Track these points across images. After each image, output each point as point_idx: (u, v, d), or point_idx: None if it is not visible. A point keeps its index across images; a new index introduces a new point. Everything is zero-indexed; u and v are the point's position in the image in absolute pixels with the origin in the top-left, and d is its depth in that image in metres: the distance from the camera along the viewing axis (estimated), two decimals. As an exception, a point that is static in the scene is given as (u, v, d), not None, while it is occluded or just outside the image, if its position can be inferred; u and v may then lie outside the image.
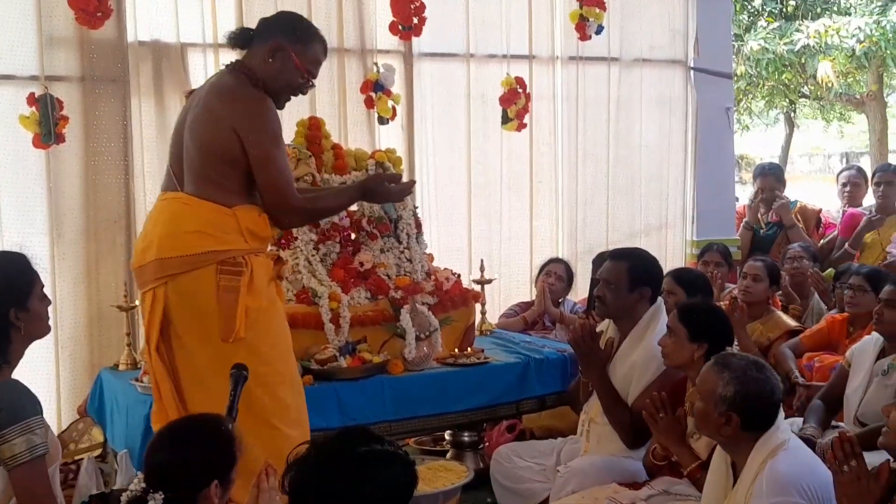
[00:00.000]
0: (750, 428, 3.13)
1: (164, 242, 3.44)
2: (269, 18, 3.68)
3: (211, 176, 3.45)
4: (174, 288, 3.43)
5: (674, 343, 3.83)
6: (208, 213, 3.45)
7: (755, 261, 5.65)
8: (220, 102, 3.46)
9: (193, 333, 3.44)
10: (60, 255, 5.27)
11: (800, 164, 26.87)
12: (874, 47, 12.08)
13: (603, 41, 6.54)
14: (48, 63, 5.17)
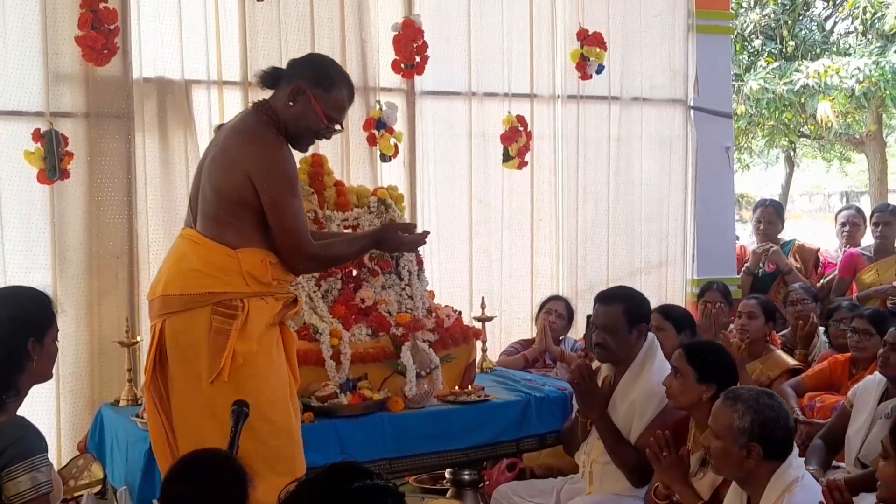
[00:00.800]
0: (771, 456, 3.13)
1: (169, 279, 3.47)
2: (297, 60, 3.69)
3: (221, 216, 3.45)
4: (170, 325, 3.44)
5: (681, 384, 3.80)
6: (211, 253, 3.44)
7: (749, 299, 5.70)
8: (236, 145, 3.46)
9: (183, 372, 3.43)
10: (63, 290, 5.27)
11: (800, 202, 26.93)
12: (873, 88, 12.17)
13: (604, 80, 6.60)
14: (53, 99, 5.21)
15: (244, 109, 3.76)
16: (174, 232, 5.33)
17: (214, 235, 3.45)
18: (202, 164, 3.59)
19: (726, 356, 3.95)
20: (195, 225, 3.53)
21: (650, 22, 6.86)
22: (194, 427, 3.40)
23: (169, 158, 5.47)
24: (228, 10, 5.59)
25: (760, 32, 13.42)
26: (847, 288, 6.50)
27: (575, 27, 6.42)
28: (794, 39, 13.56)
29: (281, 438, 3.50)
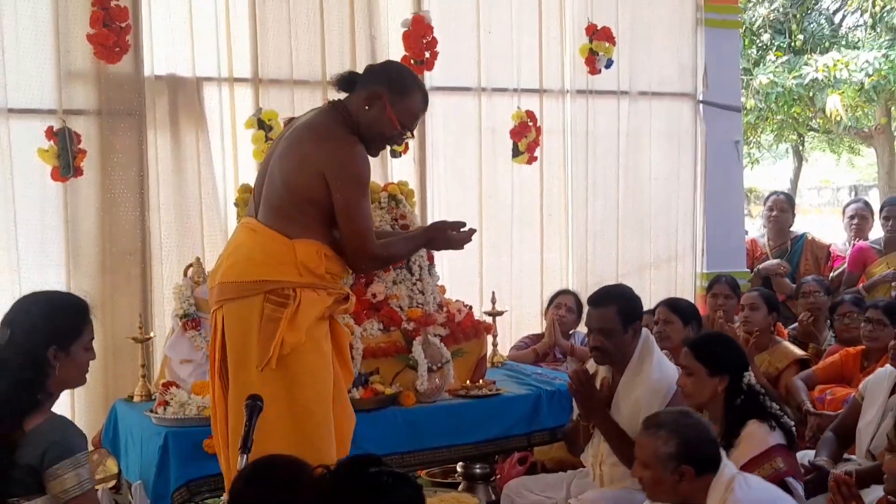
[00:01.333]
0: (703, 472, 3.16)
1: (227, 268, 3.52)
2: (375, 66, 3.80)
3: (286, 208, 3.50)
4: (227, 313, 3.49)
5: (693, 382, 3.78)
6: (268, 241, 3.49)
7: (751, 291, 5.72)
8: (312, 141, 3.50)
9: (236, 360, 3.48)
10: (76, 286, 5.29)
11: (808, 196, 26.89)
12: (882, 81, 12.14)
13: (612, 75, 6.61)
14: (66, 97, 5.24)
15: (319, 106, 3.77)
16: (186, 229, 5.43)
17: (274, 225, 3.50)
18: (270, 155, 3.64)
19: (732, 344, 3.97)
20: (257, 215, 3.58)
21: (659, 16, 6.86)
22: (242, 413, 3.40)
23: (181, 155, 5.50)
24: (239, 7, 5.61)
25: (769, 26, 13.42)
26: (857, 281, 6.49)
27: (584, 22, 6.43)
28: (803, 33, 13.56)
29: (319, 432, 3.53)
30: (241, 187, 5.02)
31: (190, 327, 4.65)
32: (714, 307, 5.83)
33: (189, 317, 4.67)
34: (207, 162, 5.56)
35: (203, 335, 4.64)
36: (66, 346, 3.05)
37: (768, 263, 6.76)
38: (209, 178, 5.55)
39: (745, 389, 3.71)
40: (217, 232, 5.55)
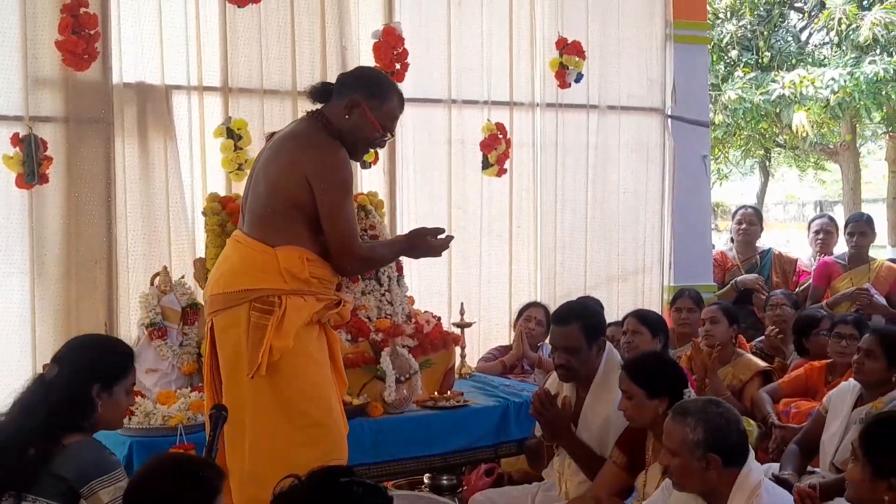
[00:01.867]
0: (730, 463, 3.16)
1: (215, 279, 3.63)
2: (348, 74, 3.85)
3: (269, 216, 3.57)
4: (216, 324, 3.59)
5: (634, 406, 3.76)
6: (250, 251, 3.57)
7: (710, 304, 5.75)
8: (297, 148, 3.58)
9: (228, 369, 3.56)
10: (41, 294, 5.24)
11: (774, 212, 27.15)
12: (848, 98, 12.28)
13: (582, 89, 6.65)
14: (33, 104, 5.18)
15: (298, 118, 3.85)
16: (153, 237, 5.39)
17: (256, 235, 3.58)
18: (254, 169, 3.72)
19: (669, 364, 3.94)
20: (241, 226, 3.69)
21: (628, 31, 6.91)
22: (239, 425, 3.48)
23: (148, 164, 5.46)
24: (209, 16, 5.58)
25: (737, 43, 13.54)
26: (822, 296, 6.55)
27: (554, 36, 6.47)
28: (770, 50, 13.69)
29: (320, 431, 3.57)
30: (209, 196, 5.00)
31: (156, 336, 4.62)
32: (678, 321, 5.86)
33: (155, 326, 4.64)
34: (175, 171, 5.53)
35: (169, 344, 4.61)
36: (110, 386, 3.22)
37: (746, 277, 6.79)
38: (177, 186, 5.52)
39: None
40: (184, 241, 5.51)
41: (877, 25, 12.01)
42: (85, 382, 3.19)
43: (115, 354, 3.34)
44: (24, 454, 3.00)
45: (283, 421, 3.52)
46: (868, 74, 11.93)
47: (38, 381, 3.23)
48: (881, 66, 11.89)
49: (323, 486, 2.31)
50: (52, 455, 3.02)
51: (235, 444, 3.53)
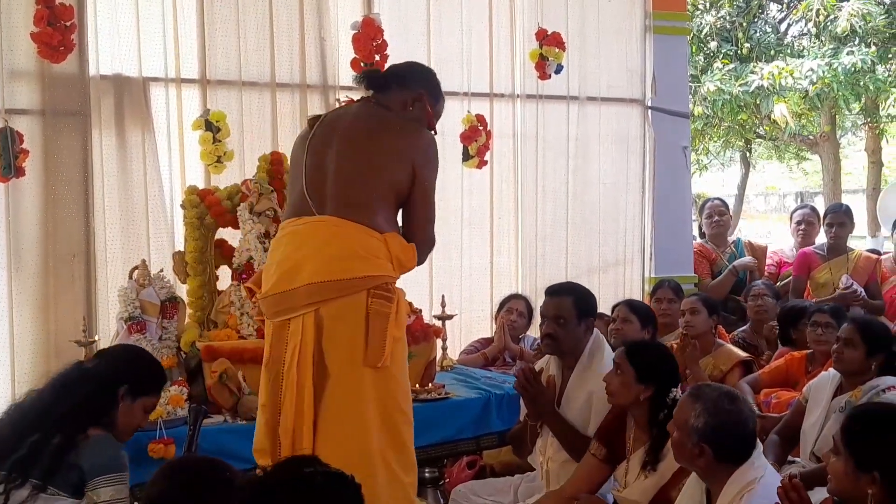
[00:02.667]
0: (723, 460, 3.17)
1: (318, 267, 3.42)
2: (408, 68, 3.86)
3: (372, 202, 3.50)
4: (328, 313, 3.42)
5: (620, 382, 3.78)
6: (362, 236, 3.46)
7: (690, 296, 5.78)
8: (399, 135, 3.58)
9: (340, 359, 3.43)
10: (18, 289, 5.21)
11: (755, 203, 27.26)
12: (826, 89, 12.32)
13: (562, 80, 6.64)
14: (8, 96, 5.14)
15: (357, 102, 3.77)
16: (131, 231, 5.36)
17: (363, 220, 3.47)
18: (319, 154, 3.57)
19: (669, 359, 3.95)
20: (322, 212, 3.49)
21: (608, 22, 6.91)
22: (354, 414, 3.41)
23: (126, 156, 5.42)
24: (186, 8, 5.55)
25: (716, 34, 13.55)
26: (804, 286, 6.59)
27: (534, 27, 6.44)
28: (749, 41, 13.71)
29: (409, 431, 3.59)
30: (187, 189, 4.97)
31: (135, 330, 4.58)
32: (658, 311, 5.86)
33: (134, 320, 4.61)
34: (154, 163, 5.49)
35: (148, 338, 4.58)
36: (135, 394, 3.39)
37: (744, 260, 6.82)
38: (155, 179, 5.48)
39: (669, 404, 3.68)
40: (163, 234, 5.48)
41: (854, 16, 12.04)
42: (116, 379, 3.35)
43: (153, 371, 3.53)
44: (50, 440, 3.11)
45: (404, 408, 3.53)
46: (846, 65, 11.96)
47: (77, 367, 3.42)
48: (859, 57, 11.93)
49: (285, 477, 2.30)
50: (76, 443, 3.15)
51: (357, 436, 3.40)
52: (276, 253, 3.57)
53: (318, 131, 3.63)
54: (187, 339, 4.62)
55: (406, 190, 3.55)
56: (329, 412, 3.44)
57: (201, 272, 4.82)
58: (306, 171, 3.58)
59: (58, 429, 3.15)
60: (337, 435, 3.40)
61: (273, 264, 3.56)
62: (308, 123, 3.77)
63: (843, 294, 6.17)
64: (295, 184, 3.63)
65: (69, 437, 3.14)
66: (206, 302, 4.83)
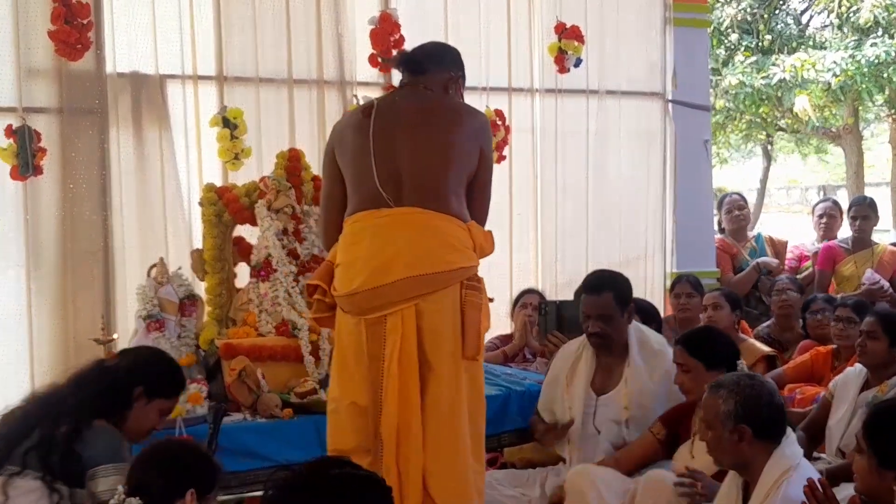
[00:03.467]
0: (762, 436, 3.17)
1: (414, 260, 3.36)
2: (440, 50, 3.82)
3: (450, 190, 3.44)
4: (427, 307, 3.37)
5: (692, 378, 3.84)
6: (451, 226, 3.42)
7: (712, 290, 5.74)
8: (468, 119, 3.54)
9: (445, 354, 3.40)
10: (37, 287, 5.22)
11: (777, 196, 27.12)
12: (849, 81, 12.23)
13: (581, 74, 6.58)
14: (26, 94, 5.15)
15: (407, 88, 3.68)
16: (149, 228, 5.35)
17: (447, 210, 3.42)
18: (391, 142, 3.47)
19: (723, 336, 4.02)
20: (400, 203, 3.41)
21: (628, 15, 6.84)
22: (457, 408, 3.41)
23: (144, 154, 5.42)
24: (203, 4, 5.54)
25: (737, 27, 13.47)
26: (828, 280, 6.53)
27: (552, 21, 6.39)
28: (771, 34, 13.62)
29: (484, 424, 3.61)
30: (205, 186, 4.95)
31: (153, 328, 4.57)
32: (677, 306, 5.84)
33: (153, 318, 4.59)
34: (171, 161, 5.49)
35: (167, 336, 4.57)
36: (151, 395, 3.40)
37: (768, 260, 6.75)
38: (173, 177, 5.48)
39: None
40: (181, 231, 5.48)
41: (877, 7, 11.96)
42: (134, 379, 3.38)
43: (172, 374, 3.53)
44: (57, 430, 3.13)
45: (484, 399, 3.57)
46: (869, 57, 11.88)
47: (97, 364, 3.47)
48: (882, 49, 11.85)
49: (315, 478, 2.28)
50: (80, 431, 3.15)
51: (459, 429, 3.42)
52: (359, 248, 3.43)
53: (377, 122, 3.49)
54: (206, 337, 4.61)
55: (473, 175, 3.52)
56: (434, 407, 3.39)
57: (219, 270, 4.81)
58: (376, 163, 3.45)
59: (66, 419, 3.17)
60: (443, 430, 3.38)
61: (359, 259, 3.42)
62: (362, 113, 3.60)
63: (870, 290, 6.10)
64: (362, 176, 3.47)
65: (75, 428, 3.15)
66: (225, 299, 4.81)
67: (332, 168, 3.62)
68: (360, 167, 3.47)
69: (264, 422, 4.22)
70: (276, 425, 4.22)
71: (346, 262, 3.46)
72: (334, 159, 3.60)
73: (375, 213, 3.43)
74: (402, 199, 3.41)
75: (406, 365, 3.36)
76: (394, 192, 3.42)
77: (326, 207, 3.70)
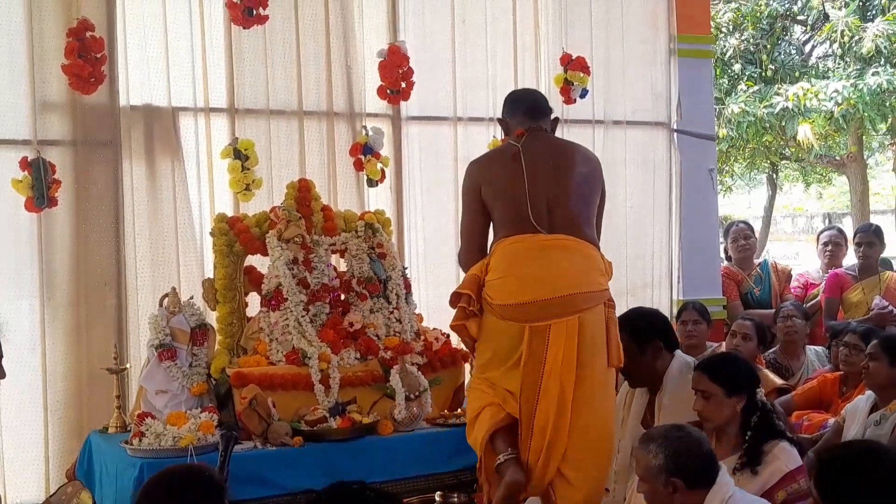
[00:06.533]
0: (694, 485, 3.19)
1: (581, 279, 3.90)
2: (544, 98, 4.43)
3: (584, 222, 4.02)
4: (587, 319, 3.86)
5: (713, 405, 3.81)
6: (595, 253, 4.03)
7: (745, 319, 5.72)
8: (592, 162, 4.19)
9: (597, 360, 3.90)
10: (50, 318, 5.27)
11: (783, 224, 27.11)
12: (852, 110, 12.27)
13: (587, 104, 6.65)
14: (41, 127, 5.22)
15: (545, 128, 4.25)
16: (162, 259, 5.41)
17: (589, 238, 4.02)
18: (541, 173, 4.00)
19: (743, 362, 4.02)
20: (553, 231, 3.94)
21: (632, 46, 6.91)
22: (603, 406, 3.95)
23: (156, 185, 5.48)
24: (215, 38, 5.62)
25: (740, 56, 13.54)
26: (836, 307, 6.53)
27: (558, 52, 6.47)
28: (774, 63, 13.69)
29: None
30: (217, 217, 5.01)
31: (165, 357, 4.61)
32: (683, 333, 5.84)
33: (164, 347, 4.64)
34: (183, 192, 5.55)
35: (178, 365, 4.61)
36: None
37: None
38: (185, 208, 5.53)
39: (759, 406, 3.76)
40: (193, 262, 5.52)
41: (879, 37, 12.00)
42: None
43: None
44: None
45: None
46: (872, 86, 11.91)
47: None
48: (884, 78, 11.88)
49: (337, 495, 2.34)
50: None
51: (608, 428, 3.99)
52: (525, 264, 3.91)
53: (528, 162, 4.00)
54: (217, 366, 4.65)
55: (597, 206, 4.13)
56: (586, 408, 3.87)
57: (231, 299, 4.86)
58: (530, 196, 3.95)
59: None
60: (592, 429, 3.88)
61: (527, 275, 3.89)
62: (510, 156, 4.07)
63: (880, 314, 6.12)
64: (517, 209, 3.97)
65: None
66: (236, 328, 4.86)
67: (478, 203, 4.10)
68: (513, 201, 3.99)
69: (275, 450, 4.27)
70: (287, 453, 4.26)
71: (510, 275, 3.92)
72: (479, 195, 4.09)
73: (534, 237, 3.95)
74: (554, 228, 3.95)
75: (566, 368, 3.83)
76: (546, 222, 3.95)
77: (470, 237, 4.18)
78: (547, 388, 3.84)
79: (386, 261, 5.10)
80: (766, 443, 3.70)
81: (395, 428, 4.56)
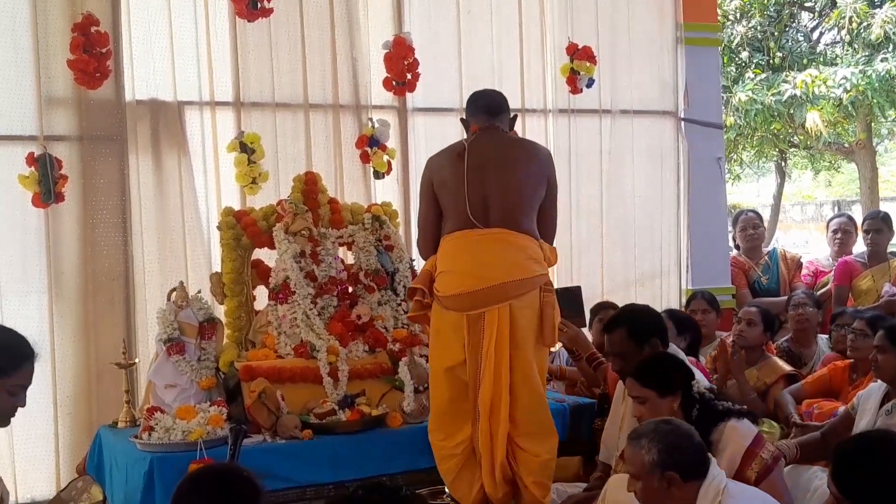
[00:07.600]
0: (689, 478, 3.17)
1: (509, 268, 4.16)
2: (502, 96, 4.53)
3: (527, 213, 4.26)
4: (517, 305, 4.14)
5: (650, 409, 3.74)
6: (530, 243, 4.24)
7: (750, 306, 5.70)
8: (538, 155, 4.38)
9: (530, 342, 4.18)
10: (59, 312, 5.28)
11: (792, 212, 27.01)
12: (861, 96, 12.21)
13: (594, 94, 6.63)
14: (47, 123, 5.23)
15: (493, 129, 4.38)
16: (169, 253, 5.41)
17: (527, 230, 4.24)
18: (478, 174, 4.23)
19: (671, 360, 3.94)
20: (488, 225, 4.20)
21: (639, 35, 6.89)
22: (535, 384, 4.22)
23: (163, 179, 5.49)
24: (220, 32, 5.62)
25: (747, 44, 13.47)
26: (846, 295, 6.51)
27: (564, 42, 6.44)
28: (781, 51, 13.62)
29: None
30: (223, 210, 5.02)
31: (174, 352, 4.62)
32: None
33: (173, 341, 4.64)
34: (190, 186, 5.55)
35: (187, 359, 4.62)
36: None
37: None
38: (191, 201, 5.54)
39: (697, 398, 3.72)
40: (200, 256, 5.53)
41: (888, 23, 11.93)
42: None
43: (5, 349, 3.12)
44: None
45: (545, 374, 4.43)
46: (880, 72, 11.85)
47: None
48: (893, 64, 11.81)
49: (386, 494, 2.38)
50: None
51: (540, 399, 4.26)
52: (460, 259, 4.22)
53: (470, 160, 4.25)
54: (226, 360, 4.66)
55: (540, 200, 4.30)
56: (521, 384, 4.18)
57: (238, 293, 4.86)
58: (468, 193, 4.22)
59: None
60: (526, 400, 4.19)
61: (461, 268, 4.21)
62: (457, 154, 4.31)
63: (890, 301, 6.10)
64: (457, 204, 4.25)
65: None
66: (244, 322, 4.86)
67: (431, 195, 4.39)
68: (455, 197, 4.26)
69: (284, 443, 4.28)
70: (296, 446, 4.27)
71: (449, 270, 4.24)
72: (432, 188, 4.37)
73: (469, 232, 4.22)
74: (489, 222, 4.20)
75: (501, 350, 4.13)
76: (482, 217, 4.20)
77: (425, 227, 4.45)
78: (484, 375, 4.16)
79: (393, 253, 5.11)
80: (713, 431, 3.64)
81: (404, 420, 4.56)
